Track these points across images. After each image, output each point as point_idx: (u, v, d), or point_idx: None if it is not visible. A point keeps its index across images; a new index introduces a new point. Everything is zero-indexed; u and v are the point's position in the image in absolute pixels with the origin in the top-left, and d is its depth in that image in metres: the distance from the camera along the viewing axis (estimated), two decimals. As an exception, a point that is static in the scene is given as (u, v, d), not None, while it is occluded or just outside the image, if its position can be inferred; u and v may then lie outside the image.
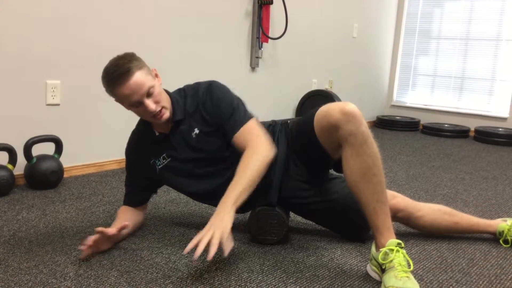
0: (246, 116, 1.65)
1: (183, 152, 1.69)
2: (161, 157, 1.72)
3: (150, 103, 1.56)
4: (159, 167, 1.73)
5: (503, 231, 1.81)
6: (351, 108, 1.48)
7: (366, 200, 1.48)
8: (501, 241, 1.82)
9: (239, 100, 1.70)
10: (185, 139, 1.68)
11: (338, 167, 1.63)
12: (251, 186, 1.52)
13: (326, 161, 1.67)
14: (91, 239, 1.52)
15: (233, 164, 1.68)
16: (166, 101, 1.63)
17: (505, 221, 1.85)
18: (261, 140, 1.60)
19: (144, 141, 1.75)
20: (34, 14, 2.36)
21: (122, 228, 1.60)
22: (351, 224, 1.76)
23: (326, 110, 1.54)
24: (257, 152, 1.57)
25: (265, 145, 1.60)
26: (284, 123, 1.79)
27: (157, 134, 1.71)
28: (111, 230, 1.57)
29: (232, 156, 1.68)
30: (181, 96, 1.71)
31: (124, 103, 1.59)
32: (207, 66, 3.29)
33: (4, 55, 2.29)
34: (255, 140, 1.60)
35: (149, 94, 1.56)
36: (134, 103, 1.56)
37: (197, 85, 1.72)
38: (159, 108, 1.59)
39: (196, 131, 1.67)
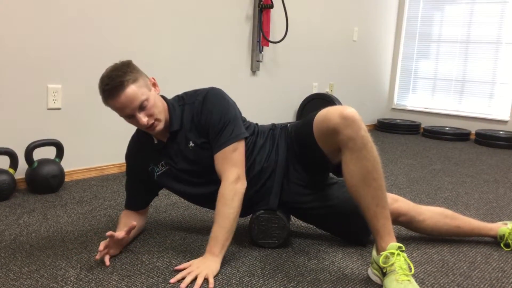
0: (230, 138, 1.61)
1: (179, 163, 1.69)
2: (160, 164, 1.72)
3: (141, 117, 1.55)
4: (157, 173, 1.73)
5: (504, 235, 1.81)
6: (350, 112, 1.47)
7: (367, 205, 1.48)
8: (502, 245, 1.82)
9: (230, 116, 1.63)
10: (181, 151, 1.67)
11: (338, 171, 1.63)
12: (232, 231, 1.57)
13: (325, 165, 1.67)
14: (102, 244, 1.53)
15: None
16: (161, 112, 1.61)
17: (506, 224, 1.85)
18: (234, 174, 1.58)
19: (143, 147, 1.74)
20: (35, 18, 2.37)
21: (130, 229, 1.60)
22: (352, 229, 1.76)
23: (325, 114, 1.53)
24: (230, 190, 1.57)
25: (236, 180, 1.58)
26: (283, 127, 1.79)
27: (155, 141, 1.71)
28: (120, 234, 1.58)
29: None
30: (179, 105, 1.69)
31: (118, 113, 1.59)
32: (208, 70, 3.29)
33: (5, 59, 2.30)
34: (229, 171, 1.59)
35: (141, 108, 1.54)
36: (126, 115, 1.56)
37: (195, 94, 1.69)
38: (151, 122, 1.57)
39: (191, 144, 1.65)
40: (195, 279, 1.44)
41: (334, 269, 1.58)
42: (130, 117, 1.57)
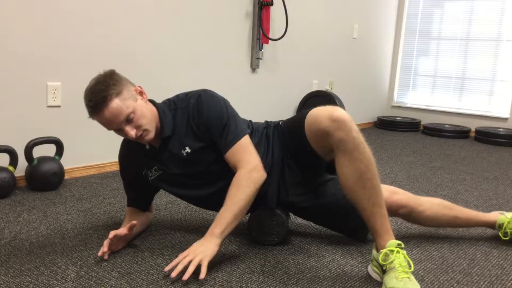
0: (237, 133, 1.59)
1: (174, 168, 1.66)
2: (153, 169, 1.69)
3: (129, 130, 1.51)
4: (151, 178, 1.71)
5: (502, 224, 1.82)
6: (339, 114, 1.45)
7: (363, 205, 1.48)
8: (500, 234, 1.83)
9: (230, 113, 1.61)
10: (175, 157, 1.64)
11: (331, 168, 1.62)
12: (239, 218, 1.54)
13: (318, 163, 1.67)
14: (105, 244, 1.54)
15: (225, 174, 1.63)
16: (150, 122, 1.56)
17: (502, 214, 1.85)
18: (252, 163, 1.56)
19: (136, 151, 1.71)
20: (34, 15, 2.37)
21: (131, 226, 1.60)
22: (351, 224, 1.77)
23: (315, 116, 1.52)
24: (247, 178, 1.54)
25: (255, 169, 1.56)
26: (276, 125, 1.76)
27: (147, 147, 1.67)
28: (123, 231, 1.58)
29: (224, 169, 1.63)
30: (170, 110, 1.64)
31: (105, 128, 1.56)
32: (208, 67, 3.29)
33: (5, 56, 2.30)
34: (246, 161, 1.56)
35: (128, 121, 1.50)
36: (113, 130, 1.54)
37: (187, 97, 1.64)
38: (140, 133, 1.53)
39: (187, 149, 1.61)
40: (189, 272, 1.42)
41: (334, 267, 1.58)
42: (118, 130, 1.54)
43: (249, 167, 1.55)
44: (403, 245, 1.44)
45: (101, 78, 1.52)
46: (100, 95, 1.47)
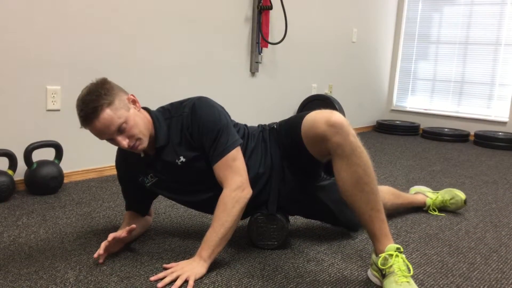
0: (227, 146, 1.56)
1: (169, 175, 1.65)
2: (149, 176, 1.68)
3: (121, 140, 1.50)
4: (148, 184, 1.70)
5: (429, 205, 2.25)
6: (337, 119, 1.45)
7: (361, 209, 1.48)
8: (429, 211, 2.25)
9: (222, 123, 1.58)
10: (170, 165, 1.62)
11: (328, 170, 1.62)
12: (226, 239, 1.54)
13: (316, 165, 1.67)
14: (102, 247, 1.54)
15: None
16: (144, 130, 1.54)
17: (425, 194, 2.27)
18: (237, 181, 1.54)
19: (131, 159, 1.69)
20: (34, 19, 2.37)
21: (131, 230, 1.60)
22: (349, 220, 1.81)
23: (312, 120, 1.51)
24: (232, 198, 1.53)
25: (239, 188, 1.54)
26: (271, 128, 1.75)
27: (142, 155, 1.64)
28: (122, 233, 1.58)
29: None
30: (165, 118, 1.62)
31: (97, 138, 1.54)
32: (207, 71, 3.30)
33: (4, 60, 2.30)
34: (231, 179, 1.55)
35: (120, 131, 1.49)
36: (105, 139, 1.53)
37: (181, 106, 1.62)
38: (132, 143, 1.51)
39: (182, 159, 1.60)
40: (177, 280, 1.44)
41: (333, 271, 1.58)
42: (111, 140, 1.53)
43: (233, 186, 1.54)
44: (402, 249, 1.44)
45: (93, 87, 1.49)
46: (91, 105, 1.44)
